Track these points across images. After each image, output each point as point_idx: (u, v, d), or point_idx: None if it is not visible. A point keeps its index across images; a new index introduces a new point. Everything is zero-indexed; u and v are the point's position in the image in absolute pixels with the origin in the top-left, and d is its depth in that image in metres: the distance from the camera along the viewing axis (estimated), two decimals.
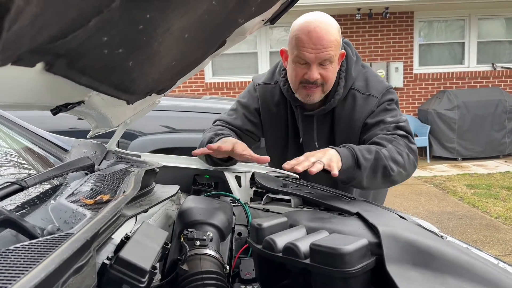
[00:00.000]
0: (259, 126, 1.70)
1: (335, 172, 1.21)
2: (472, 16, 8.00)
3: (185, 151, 1.84)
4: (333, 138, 1.60)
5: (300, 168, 1.17)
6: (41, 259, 0.53)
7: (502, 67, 8.11)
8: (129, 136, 3.29)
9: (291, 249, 0.87)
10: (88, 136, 1.47)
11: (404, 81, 7.99)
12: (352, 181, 1.37)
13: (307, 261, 0.85)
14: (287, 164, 1.20)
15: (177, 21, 0.73)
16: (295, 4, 1.28)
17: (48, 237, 0.63)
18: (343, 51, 1.54)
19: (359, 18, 7.68)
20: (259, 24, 1.30)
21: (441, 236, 1.06)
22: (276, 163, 1.73)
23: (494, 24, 8.30)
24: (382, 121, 1.50)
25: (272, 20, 1.36)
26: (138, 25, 0.63)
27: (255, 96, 1.69)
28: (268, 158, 1.38)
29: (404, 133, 1.47)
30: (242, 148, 1.37)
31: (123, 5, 0.53)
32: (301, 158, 1.23)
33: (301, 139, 1.65)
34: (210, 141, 1.50)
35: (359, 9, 7.54)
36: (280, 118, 1.67)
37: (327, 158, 1.25)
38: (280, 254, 0.90)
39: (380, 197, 1.83)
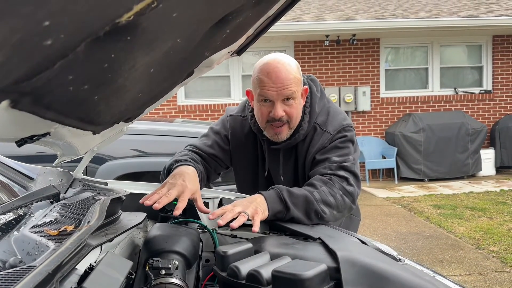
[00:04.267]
0: (228, 153, 1.73)
1: (255, 228, 1.23)
2: (435, 43, 8.41)
3: (156, 175, 1.85)
4: (297, 172, 1.64)
5: (222, 222, 1.22)
6: None
7: (463, 92, 8.50)
8: (98, 160, 3.23)
9: (254, 276, 0.90)
10: (54, 164, 1.46)
11: (371, 105, 8.24)
12: (283, 220, 1.38)
13: (270, 287, 0.87)
14: (212, 215, 1.26)
15: (142, 59, 0.77)
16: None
17: (9, 270, 0.63)
18: (306, 86, 1.60)
19: (327, 44, 7.92)
20: (226, 55, 1.35)
21: (399, 260, 1.11)
22: (246, 193, 1.76)
23: (456, 51, 8.74)
24: (328, 159, 1.52)
25: (239, 52, 1.41)
26: (103, 64, 0.66)
27: (226, 125, 1.74)
28: (209, 211, 1.37)
29: (345, 174, 1.48)
30: (189, 193, 1.35)
31: (87, 48, 0.56)
32: (228, 207, 1.29)
33: (266, 172, 1.69)
34: (170, 168, 1.53)
35: (327, 36, 7.78)
36: (249, 149, 1.71)
37: (253, 209, 1.29)
38: (243, 281, 0.92)
39: (353, 227, 1.83)
